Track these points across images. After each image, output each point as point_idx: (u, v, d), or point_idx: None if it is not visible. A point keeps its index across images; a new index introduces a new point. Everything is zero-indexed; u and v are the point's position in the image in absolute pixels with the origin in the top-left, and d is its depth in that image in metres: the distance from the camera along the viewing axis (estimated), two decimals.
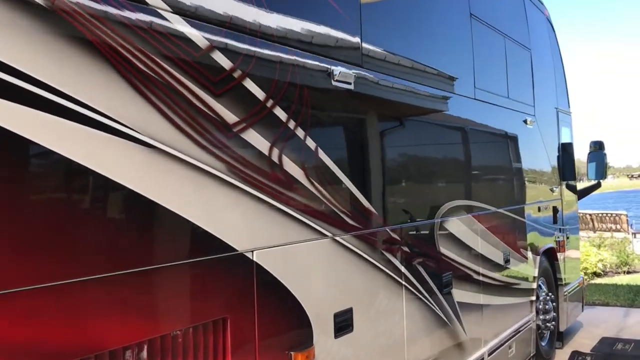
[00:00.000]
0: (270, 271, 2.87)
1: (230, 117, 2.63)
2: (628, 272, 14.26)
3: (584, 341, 8.41)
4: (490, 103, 5.75)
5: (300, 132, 3.11)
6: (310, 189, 3.16)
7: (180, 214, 2.38)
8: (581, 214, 25.13)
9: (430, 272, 4.41)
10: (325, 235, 3.27)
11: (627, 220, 23.06)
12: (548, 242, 7.44)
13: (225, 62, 2.64)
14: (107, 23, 2.12)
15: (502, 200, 6.13)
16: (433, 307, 4.42)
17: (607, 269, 14.33)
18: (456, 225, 4.94)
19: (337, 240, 3.38)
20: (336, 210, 3.37)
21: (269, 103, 2.89)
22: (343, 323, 3.37)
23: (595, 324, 9.22)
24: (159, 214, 2.32)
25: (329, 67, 3.38)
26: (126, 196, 2.20)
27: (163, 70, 2.32)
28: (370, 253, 3.68)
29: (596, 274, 14.00)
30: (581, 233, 24.31)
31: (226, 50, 2.65)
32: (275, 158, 2.91)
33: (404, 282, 4.03)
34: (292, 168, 3.02)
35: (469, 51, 5.34)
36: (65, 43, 1.99)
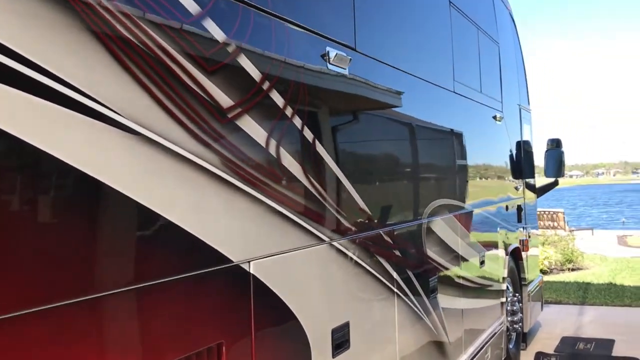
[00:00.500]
0: (268, 284, 2.45)
1: (220, 104, 2.18)
2: (573, 270, 14.38)
3: (545, 341, 8.29)
4: (467, 97, 5.46)
5: (295, 125, 2.70)
6: (306, 188, 2.75)
7: (164, 216, 1.90)
8: None
9: (419, 277, 4.07)
10: (322, 240, 2.86)
11: (564, 217, 23.53)
12: (514, 242, 7.24)
13: (217, 34, 2.20)
14: None
15: (478, 198, 5.87)
16: (421, 314, 4.09)
17: (552, 267, 14.42)
18: (440, 227, 4.62)
19: (334, 245, 2.98)
20: (334, 211, 2.98)
21: (264, 90, 2.47)
22: (341, 339, 2.98)
23: (553, 323, 9.13)
24: (139, 216, 1.83)
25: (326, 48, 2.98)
26: (97, 194, 1.70)
27: (137, 39, 1.86)
28: (365, 258, 3.31)
29: (542, 272, 14.04)
30: None
31: (218, 19, 2.21)
32: (270, 153, 2.48)
33: (395, 289, 3.67)
34: (287, 165, 2.60)
35: (449, 41, 5.02)
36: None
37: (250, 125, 2.34)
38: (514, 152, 7.48)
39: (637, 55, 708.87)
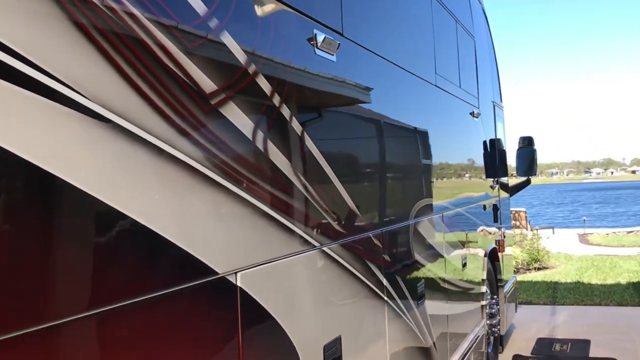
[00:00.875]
0: (257, 298, 2.12)
1: (201, 93, 1.87)
2: (539, 269, 14.34)
3: (521, 343, 8.11)
4: (447, 92, 5.21)
5: (281, 124, 2.39)
6: (295, 187, 2.44)
7: (143, 224, 1.58)
8: None
9: (408, 283, 3.80)
10: (312, 246, 2.55)
11: (526, 217, 23.64)
12: (491, 242, 7.04)
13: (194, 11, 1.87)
14: None
15: (460, 198, 5.64)
16: (410, 322, 3.80)
17: (519, 266, 14.36)
18: (427, 228, 4.36)
19: (324, 251, 2.67)
20: (323, 212, 2.67)
21: (250, 83, 2.16)
22: (333, 357, 2.66)
23: (527, 325, 8.97)
24: (104, 218, 1.49)
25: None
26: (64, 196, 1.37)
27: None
28: (355, 264, 3.00)
29: None
30: None
31: None
32: (254, 151, 2.16)
33: (385, 297, 3.38)
34: (275, 163, 2.29)
35: (430, 32, 4.76)
36: None
37: (235, 118, 2.02)
38: (489, 150, 7.27)
39: (586, 53, 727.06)
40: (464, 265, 5.48)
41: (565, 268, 14.38)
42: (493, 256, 7.10)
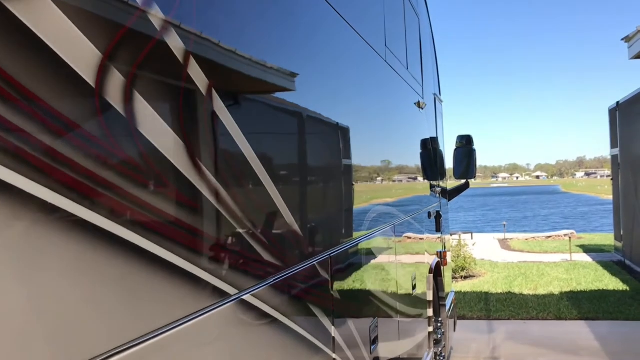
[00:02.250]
0: None
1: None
2: (466, 277, 13.64)
3: None
4: (395, 71, 4.16)
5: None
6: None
7: None
8: None
9: (358, 323, 2.69)
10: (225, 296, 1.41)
11: None
12: (434, 256, 6.06)
13: None
14: None
15: (408, 205, 4.61)
16: None
17: None
18: (377, 247, 3.28)
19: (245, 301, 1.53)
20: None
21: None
22: None
23: (466, 345, 8.08)
24: None
25: None
26: None
27: None
28: (287, 309, 1.87)
29: None
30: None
31: None
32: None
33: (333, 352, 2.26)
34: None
35: None
36: None
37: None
38: (432, 149, 6.32)
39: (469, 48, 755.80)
40: (414, 287, 4.46)
41: (493, 276, 13.74)
42: (437, 272, 6.13)
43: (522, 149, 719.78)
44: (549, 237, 21.93)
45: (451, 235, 22.82)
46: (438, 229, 6.38)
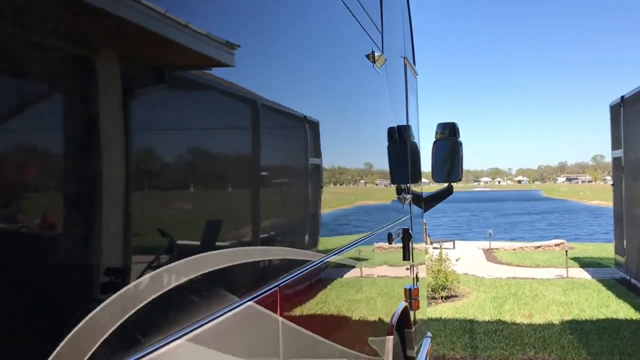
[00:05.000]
0: None
1: None
2: (447, 298, 11.57)
3: None
4: None
5: None
6: None
7: None
8: None
9: None
10: None
11: (426, 229, 21.07)
12: (400, 301, 3.97)
13: None
14: None
15: (350, 229, 2.65)
16: None
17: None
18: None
19: None
20: None
21: None
22: None
23: None
24: None
25: None
26: None
27: None
28: None
29: None
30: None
31: None
32: None
33: None
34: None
35: None
36: None
37: None
38: (398, 135, 4.24)
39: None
40: None
41: (479, 297, 11.68)
42: (403, 322, 4.04)
43: (504, 153, 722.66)
44: (539, 247, 19.95)
45: (431, 243, 20.89)
46: (407, 256, 4.27)
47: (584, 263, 15.87)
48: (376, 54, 3.28)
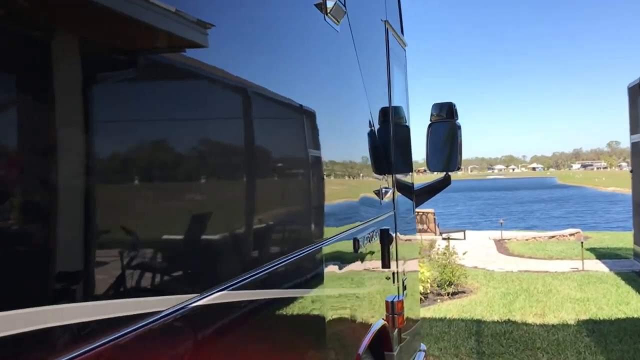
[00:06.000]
0: None
1: None
2: (453, 294, 10.78)
3: None
4: None
5: None
6: None
7: None
8: None
9: None
10: None
11: (435, 219, 20.31)
12: (376, 319, 3.22)
13: None
14: None
15: (309, 232, 2.10)
16: None
17: (427, 291, 10.78)
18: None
19: None
20: None
21: None
22: None
23: None
24: None
25: None
26: None
27: None
28: None
29: None
30: None
31: None
32: None
33: None
34: None
35: None
36: None
37: None
38: (377, 117, 3.48)
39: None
40: None
41: (488, 293, 10.90)
42: (381, 342, 3.29)
43: (518, 140, 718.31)
44: (552, 237, 19.07)
45: (441, 234, 20.05)
46: (386, 264, 3.49)
47: (601, 254, 14.99)
48: (329, 2, 2.51)
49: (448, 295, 10.80)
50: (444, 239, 17.53)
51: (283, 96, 2.18)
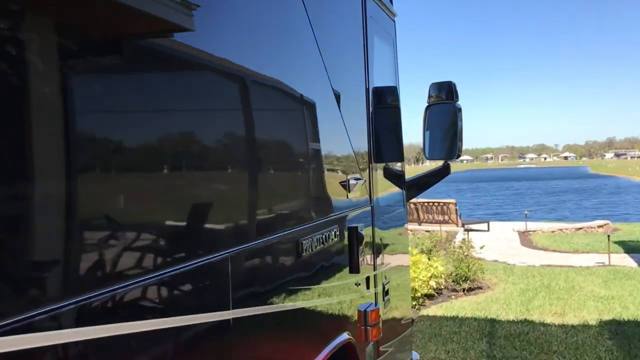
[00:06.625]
0: None
1: None
2: (469, 291, 10.19)
3: None
4: None
5: None
6: None
7: None
8: None
9: None
10: None
11: (456, 209, 19.63)
12: (335, 336, 2.70)
13: None
14: None
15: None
16: None
17: (442, 287, 10.21)
18: None
19: None
20: None
21: None
22: None
23: None
24: None
25: None
26: None
27: None
28: None
29: (429, 296, 9.79)
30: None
31: None
32: None
33: None
34: None
35: None
36: None
37: None
38: (342, 94, 2.96)
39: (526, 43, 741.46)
40: None
41: (506, 289, 10.30)
42: None
43: (550, 129, 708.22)
44: (580, 228, 18.28)
45: (463, 226, 19.36)
46: (354, 267, 2.96)
47: (630, 248, 14.22)
48: None
49: (463, 291, 10.23)
50: (465, 230, 16.90)
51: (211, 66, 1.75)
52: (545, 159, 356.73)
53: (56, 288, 1.22)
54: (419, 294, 9.43)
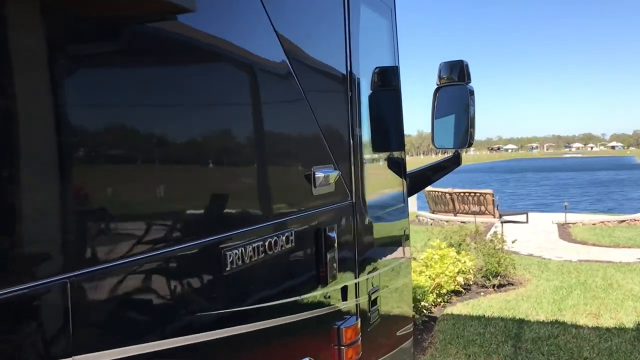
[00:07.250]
0: None
1: None
2: (499, 287, 9.64)
3: None
4: None
5: None
6: None
7: None
8: (439, 193, 20.81)
9: None
10: None
11: (494, 200, 18.94)
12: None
13: None
14: None
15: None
16: None
17: (470, 282, 9.68)
18: None
19: None
20: None
21: None
22: None
23: None
24: None
25: None
26: None
27: None
28: None
29: (456, 293, 9.28)
30: (440, 216, 20.24)
31: None
32: None
33: None
34: None
35: None
36: None
37: None
38: (315, 73, 2.51)
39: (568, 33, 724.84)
40: None
41: (538, 287, 9.71)
42: None
43: (597, 118, 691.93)
44: (622, 221, 17.42)
45: (500, 217, 18.67)
46: (322, 278, 2.50)
47: None
48: None
49: (493, 287, 9.68)
50: (502, 222, 16.25)
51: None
52: (592, 148, 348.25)
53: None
54: (444, 291, 8.92)
